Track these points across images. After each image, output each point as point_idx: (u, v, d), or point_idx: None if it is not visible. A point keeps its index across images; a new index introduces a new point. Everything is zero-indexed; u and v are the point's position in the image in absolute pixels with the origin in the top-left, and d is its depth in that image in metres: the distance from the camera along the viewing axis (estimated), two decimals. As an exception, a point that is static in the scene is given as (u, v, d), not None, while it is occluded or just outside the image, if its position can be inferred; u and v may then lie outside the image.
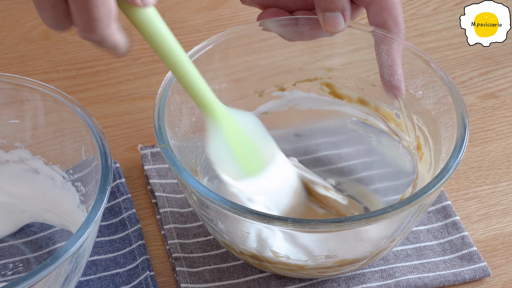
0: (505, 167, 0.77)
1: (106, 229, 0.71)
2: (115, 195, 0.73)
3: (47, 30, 0.89)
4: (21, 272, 0.68)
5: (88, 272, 0.68)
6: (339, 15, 0.68)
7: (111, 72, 0.85)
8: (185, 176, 0.61)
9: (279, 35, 0.71)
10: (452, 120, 0.65)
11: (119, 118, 0.81)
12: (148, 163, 0.75)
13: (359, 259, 0.64)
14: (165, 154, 0.62)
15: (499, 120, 0.81)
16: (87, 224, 0.58)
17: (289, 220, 0.58)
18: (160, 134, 0.63)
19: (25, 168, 0.70)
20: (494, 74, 0.85)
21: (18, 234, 0.70)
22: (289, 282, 0.67)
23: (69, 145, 0.68)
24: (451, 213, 0.72)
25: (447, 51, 0.88)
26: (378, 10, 0.68)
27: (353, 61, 0.73)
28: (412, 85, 0.70)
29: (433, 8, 0.92)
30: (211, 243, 0.70)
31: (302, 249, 0.63)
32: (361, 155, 0.75)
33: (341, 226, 0.58)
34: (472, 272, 0.68)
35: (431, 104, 0.68)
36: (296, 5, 0.71)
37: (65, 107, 0.66)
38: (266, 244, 0.63)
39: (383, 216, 0.58)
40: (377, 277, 0.68)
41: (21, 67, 0.85)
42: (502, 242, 0.72)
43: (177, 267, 0.68)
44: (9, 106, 0.68)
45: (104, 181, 0.61)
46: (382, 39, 0.69)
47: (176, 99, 0.67)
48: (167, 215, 0.72)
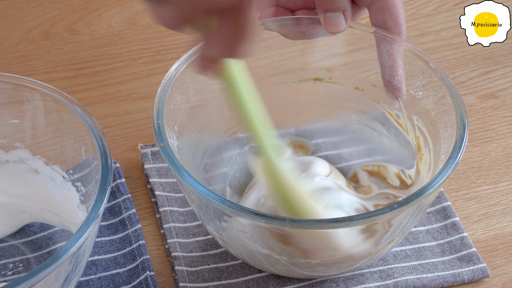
0: (505, 167, 0.77)
1: (106, 229, 0.71)
2: (115, 195, 0.73)
3: (47, 30, 0.89)
4: (21, 272, 0.68)
5: (88, 272, 0.68)
6: (340, 15, 0.68)
7: (111, 72, 0.85)
8: (183, 176, 0.61)
9: (280, 34, 0.71)
10: (452, 121, 0.65)
11: (119, 118, 0.81)
12: (148, 162, 0.75)
13: (358, 259, 0.64)
14: (164, 153, 0.62)
15: (499, 120, 0.81)
16: (87, 224, 0.58)
17: (286, 220, 0.58)
18: (159, 133, 0.63)
19: (25, 168, 0.70)
20: (494, 74, 0.85)
21: (18, 234, 0.70)
22: (288, 281, 0.68)
23: (69, 145, 0.68)
24: (450, 214, 0.72)
25: (447, 51, 0.88)
26: (379, 11, 0.68)
27: (353, 61, 0.73)
28: (412, 85, 0.70)
29: (433, 8, 0.92)
30: (210, 242, 0.70)
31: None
32: (361, 155, 0.75)
33: (338, 226, 0.58)
34: (471, 273, 0.68)
35: (430, 104, 0.68)
36: (295, 5, 0.71)
37: (65, 107, 0.66)
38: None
39: (381, 217, 0.58)
40: (376, 278, 0.68)
41: (21, 67, 0.85)
42: (502, 242, 0.72)
43: (176, 266, 0.68)
44: (9, 106, 0.68)
45: (104, 181, 0.61)
46: (383, 40, 0.69)
47: (176, 98, 0.67)
48: (166, 214, 0.72)
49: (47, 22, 0.90)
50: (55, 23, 0.89)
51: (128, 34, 0.89)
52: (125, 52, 0.87)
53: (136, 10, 0.91)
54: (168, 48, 0.87)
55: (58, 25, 0.89)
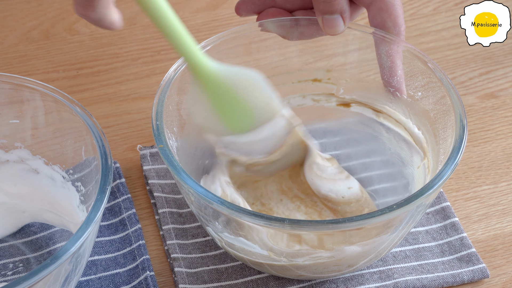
0: (505, 167, 0.77)
1: (106, 229, 0.71)
2: (115, 195, 0.73)
3: (47, 30, 0.89)
4: (21, 272, 0.68)
5: (88, 272, 0.68)
6: (338, 17, 0.67)
7: (111, 72, 0.85)
8: (182, 177, 0.61)
9: (279, 35, 0.71)
10: (451, 122, 0.65)
11: (119, 118, 0.81)
12: (147, 164, 0.75)
13: (357, 260, 0.64)
14: (162, 154, 0.62)
15: (499, 120, 0.81)
16: (87, 224, 0.58)
17: (286, 221, 0.58)
18: (158, 134, 0.63)
19: (25, 168, 0.70)
20: (494, 74, 0.85)
21: (18, 234, 0.70)
22: (288, 283, 0.67)
23: (69, 145, 0.68)
24: (450, 215, 0.72)
25: (447, 51, 0.88)
26: (378, 11, 0.68)
27: (353, 61, 0.73)
28: (411, 86, 0.70)
29: (433, 8, 0.92)
30: (210, 243, 0.70)
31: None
32: (360, 156, 0.75)
33: (337, 227, 0.58)
34: (470, 274, 0.68)
35: (430, 105, 0.68)
36: (293, 6, 0.71)
37: (65, 107, 0.66)
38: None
39: (380, 218, 0.58)
40: (376, 278, 0.68)
41: (21, 67, 0.85)
42: (502, 242, 0.72)
43: (176, 268, 0.68)
44: (9, 106, 0.68)
45: (104, 181, 0.61)
46: (382, 41, 0.69)
47: (175, 99, 0.67)
48: (165, 215, 0.72)
49: (47, 22, 0.90)
50: (55, 23, 0.89)
51: (128, 34, 0.89)
52: (125, 52, 0.87)
53: (136, 10, 0.91)
54: (168, 48, 0.87)
55: (58, 25, 0.89)
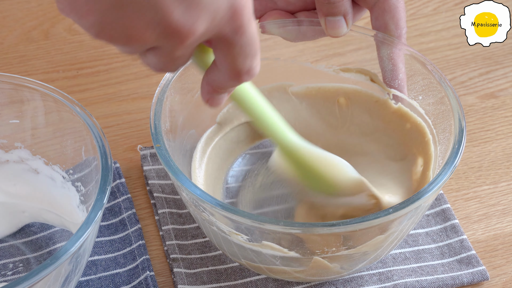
0: (505, 167, 0.77)
1: (106, 229, 0.71)
2: (115, 195, 0.73)
3: (47, 30, 0.89)
4: (21, 272, 0.68)
5: (88, 272, 0.68)
6: (341, 19, 0.67)
7: (111, 72, 0.85)
8: (179, 178, 0.61)
9: (281, 37, 0.71)
10: (450, 124, 0.65)
11: (119, 118, 0.81)
12: (147, 164, 0.75)
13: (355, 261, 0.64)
14: (159, 154, 0.62)
15: (499, 120, 0.81)
16: (87, 224, 0.58)
17: (280, 222, 0.58)
18: (155, 134, 0.63)
19: (25, 168, 0.70)
20: (494, 74, 0.85)
21: (18, 234, 0.70)
22: (287, 284, 0.67)
23: (69, 145, 0.68)
24: (450, 216, 0.72)
25: (447, 51, 0.88)
26: (381, 12, 0.68)
27: (353, 61, 0.73)
28: (411, 88, 0.70)
29: (433, 8, 0.92)
30: (209, 244, 0.70)
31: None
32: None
33: (332, 230, 0.58)
34: (470, 276, 0.68)
35: (429, 106, 0.68)
36: (295, 7, 0.71)
37: (65, 107, 0.66)
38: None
39: (377, 220, 0.58)
40: (375, 280, 0.68)
41: (21, 67, 0.85)
42: (502, 242, 0.72)
43: (175, 268, 0.68)
44: (9, 106, 0.68)
45: (104, 181, 0.61)
46: (383, 43, 0.69)
47: (174, 99, 0.67)
48: (165, 216, 0.72)
49: (47, 22, 0.90)
50: (55, 23, 0.89)
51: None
52: (125, 52, 0.87)
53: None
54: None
55: (58, 25, 0.89)
